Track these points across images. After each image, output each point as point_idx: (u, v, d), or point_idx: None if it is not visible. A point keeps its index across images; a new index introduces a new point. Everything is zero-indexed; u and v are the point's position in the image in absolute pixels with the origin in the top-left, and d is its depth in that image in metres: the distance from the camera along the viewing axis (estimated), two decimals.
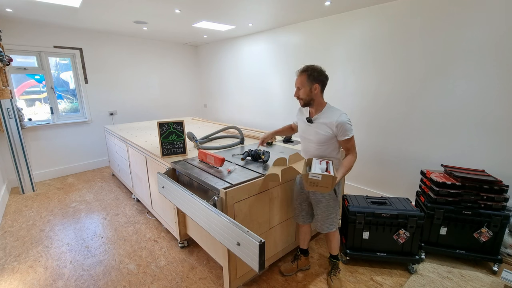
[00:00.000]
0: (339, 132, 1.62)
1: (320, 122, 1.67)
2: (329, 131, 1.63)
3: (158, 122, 2.22)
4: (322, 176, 1.40)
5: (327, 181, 1.40)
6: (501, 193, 2.00)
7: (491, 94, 2.32)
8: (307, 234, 2.06)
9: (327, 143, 1.67)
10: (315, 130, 1.68)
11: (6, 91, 3.25)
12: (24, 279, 2.04)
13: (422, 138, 2.79)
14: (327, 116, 1.65)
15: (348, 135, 1.62)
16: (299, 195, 1.91)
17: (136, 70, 4.91)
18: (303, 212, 1.93)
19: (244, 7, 3.05)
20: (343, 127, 1.60)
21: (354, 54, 3.21)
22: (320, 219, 1.82)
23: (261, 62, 4.46)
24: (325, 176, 1.40)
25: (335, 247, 1.94)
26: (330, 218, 1.80)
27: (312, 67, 1.63)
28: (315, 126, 1.69)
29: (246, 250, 1.28)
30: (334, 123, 1.61)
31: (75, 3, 2.82)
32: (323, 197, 1.76)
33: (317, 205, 1.80)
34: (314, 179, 1.42)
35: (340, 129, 1.60)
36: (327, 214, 1.79)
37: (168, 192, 1.92)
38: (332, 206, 1.77)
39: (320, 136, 1.66)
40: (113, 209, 3.15)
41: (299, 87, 1.66)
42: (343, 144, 1.67)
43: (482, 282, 1.97)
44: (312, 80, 1.62)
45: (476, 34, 2.33)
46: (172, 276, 2.06)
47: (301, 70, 1.65)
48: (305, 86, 1.64)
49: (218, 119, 5.72)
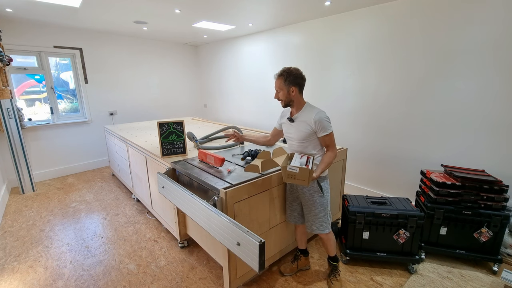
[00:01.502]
0: (318, 129, 1.67)
1: (300, 120, 1.73)
2: (309, 128, 1.69)
3: (158, 122, 2.22)
4: (299, 169, 1.48)
5: (304, 174, 1.47)
6: (501, 193, 2.00)
7: (491, 94, 2.32)
8: (303, 235, 2.06)
9: (308, 140, 1.73)
10: (296, 128, 1.75)
11: (6, 91, 3.25)
12: (24, 279, 2.04)
13: (422, 138, 2.79)
14: (306, 115, 1.72)
15: (327, 132, 1.67)
16: (289, 194, 1.94)
17: (136, 70, 4.91)
18: (294, 212, 1.94)
19: (244, 7, 3.05)
20: (321, 123, 1.66)
21: (354, 54, 3.21)
22: (309, 219, 1.84)
23: (261, 62, 4.46)
24: (302, 169, 1.47)
25: (331, 249, 1.94)
26: (319, 218, 1.80)
27: (288, 71, 1.69)
28: (296, 125, 1.75)
29: (246, 250, 1.28)
30: (312, 120, 1.67)
31: (75, 3, 2.82)
32: (310, 195, 1.78)
33: (305, 204, 1.83)
34: (291, 171, 1.50)
35: (319, 126, 1.66)
36: (315, 213, 1.80)
37: (168, 192, 1.92)
38: (319, 205, 1.79)
39: (300, 133, 1.73)
40: (113, 209, 3.15)
41: (278, 90, 1.74)
42: (322, 141, 1.72)
43: (482, 282, 1.97)
44: (289, 83, 1.68)
45: (476, 34, 2.33)
46: (172, 276, 2.06)
47: (278, 74, 1.71)
48: (283, 89, 1.70)
49: (218, 119, 5.72)
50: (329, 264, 2.01)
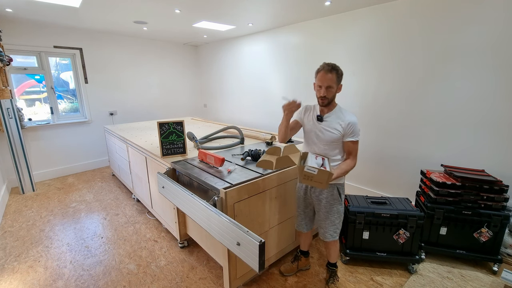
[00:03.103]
0: (348, 132, 1.59)
1: (331, 121, 1.63)
2: (339, 130, 1.60)
3: (158, 122, 2.22)
4: (318, 171, 1.37)
5: (323, 177, 1.37)
6: (501, 193, 2.00)
7: (491, 93, 2.32)
8: (309, 238, 2.04)
9: (334, 143, 1.64)
10: (324, 128, 1.64)
11: (6, 91, 3.25)
12: (24, 279, 2.04)
13: (422, 138, 2.79)
14: (338, 116, 1.63)
15: (355, 138, 1.60)
16: (303, 201, 1.85)
17: (136, 70, 4.91)
18: (306, 219, 1.88)
19: (244, 7, 3.05)
20: (354, 127, 1.59)
21: (354, 54, 3.21)
22: (324, 226, 1.76)
23: (261, 62, 4.46)
24: (321, 171, 1.37)
25: (334, 255, 1.89)
26: (334, 225, 1.75)
27: (338, 67, 1.57)
28: (325, 125, 1.64)
29: (246, 250, 1.28)
30: (346, 122, 1.59)
31: (75, 3, 2.82)
32: (327, 203, 1.71)
33: (321, 211, 1.75)
34: (309, 172, 1.38)
35: (350, 129, 1.59)
36: (331, 220, 1.73)
37: (168, 192, 1.92)
38: (336, 212, 1.72)
39: (328, 135, 1.63)
40: (113, 209, 3.15)
41: (329, 86, 1.56)
42: (347, 146, 1.63)
43: (482, 282, 1.97)
44: (338, 80, 1.58)
45: (476, 34, 2.33)
46: (172, 276, 2.06)
47: (329, 68, 1.55)
48: (334, 86, 1.57)
49: (218, 119, 5.72)
50: (328, 269, 1.96)
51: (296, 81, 3.95)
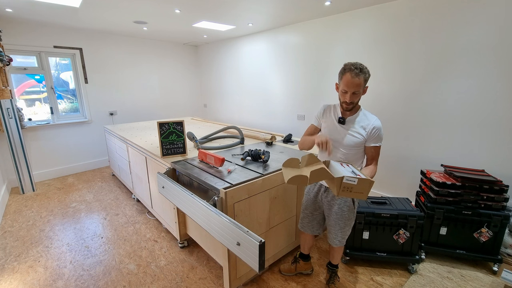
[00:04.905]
0: (372, 137, 1.52)
1: (354, 124, 1.55)
2: (363, 133, 1.53)
3: (158, 122, 2.22)
4: (357, 180, 1.20)
5: (364, 186, 1.21)
6: (501, 193, 2.00)
7: (491, 94, 2.32)
8: (311, 241, 1.98)
9: (356, 148, 1.55)
10: (347, 131, 1.55)
11: (6, 91, 3.25)
12: (24, 279, 2.04)
13: (422, 138, 2.79)
14: (362, 119, 1.55)
15: (379, 143, 1.54)
16: (312, 203, 1.79)
17: (136, 70, 4.91)
18: (314, 222, 1.83)
19: (244, 7, 3.04)
20: (379, 131, 1.51)
21: (354, 54, 3.21)
22: (333, 231, 1.72)
23: (261, 62, 4.46)
24: (362, 180, 1.20)
25: (338, 258, 1.87)
26: (343, 232, 1.71)
27: (366, 68, 1.44)
28: (347, 128, 1.55)
29: (246, 250, 1.28)
30: (371, 125, 1.51)
31: (75, 3, 2.82)
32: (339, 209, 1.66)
33: (332, 216, 1.70)
34: (349, 183, 1.21)
35: (375, 133, 1.51)
36: (341, 226, 1.69)
37: (168, 192, 1.92)
38: (347, 219, 1.67)
39: (351, 139, 1.54)
40: (113, 209, 3.15)
41: (357, 92, 1.44)
42: (369, 151, 1.56)
43: (482, 282, 1.97)
44: (365, 82, 1.45)
45: (476, 34, 2.33)
46: (172, 276, 2.06)
47: (359, 71, 1.40)
48: (361, 90, 1.46)
49: (218, 119, 5.72)
50: (329, 269, 1.93)
51: (296, 81, 3.95)
